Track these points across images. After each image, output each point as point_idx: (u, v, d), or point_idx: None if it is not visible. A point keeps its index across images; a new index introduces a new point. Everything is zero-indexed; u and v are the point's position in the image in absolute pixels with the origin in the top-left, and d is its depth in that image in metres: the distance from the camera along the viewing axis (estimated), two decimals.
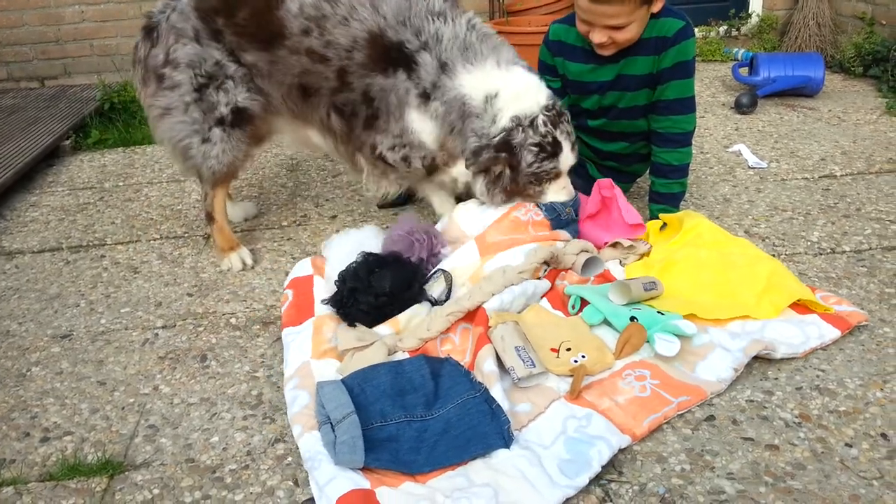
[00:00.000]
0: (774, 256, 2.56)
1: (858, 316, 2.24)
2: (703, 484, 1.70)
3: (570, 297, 2.35)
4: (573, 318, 2.29)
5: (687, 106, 2.74)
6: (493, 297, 2.23)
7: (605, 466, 1.74)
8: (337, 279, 2.37)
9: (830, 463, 1.75)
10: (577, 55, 2.81)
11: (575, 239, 2.59)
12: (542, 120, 2.47)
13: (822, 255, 2.69)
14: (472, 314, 2.22)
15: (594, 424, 1.85)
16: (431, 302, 2.33)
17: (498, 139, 2.46)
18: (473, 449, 1.79)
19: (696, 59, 2.75)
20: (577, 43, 2.79)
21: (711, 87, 4.87)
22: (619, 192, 2.68)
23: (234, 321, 2.49)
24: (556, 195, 2.59)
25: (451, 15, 2.52)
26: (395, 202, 3.25)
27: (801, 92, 4.51)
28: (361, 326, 2.25)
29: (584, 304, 2.30)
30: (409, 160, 2.66)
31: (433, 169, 2.72)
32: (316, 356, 2.18)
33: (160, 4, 2.71)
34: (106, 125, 4.56)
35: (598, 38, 2.62)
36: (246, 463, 1.85)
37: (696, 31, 3.06)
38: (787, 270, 2.41)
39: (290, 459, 1.85)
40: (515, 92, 2.47)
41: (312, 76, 2.61)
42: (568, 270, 2.51)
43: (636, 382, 1.99)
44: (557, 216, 2.57)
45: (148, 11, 2.76)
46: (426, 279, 2.41)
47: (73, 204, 3.57)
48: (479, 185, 2.58)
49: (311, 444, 1.83)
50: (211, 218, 2.87)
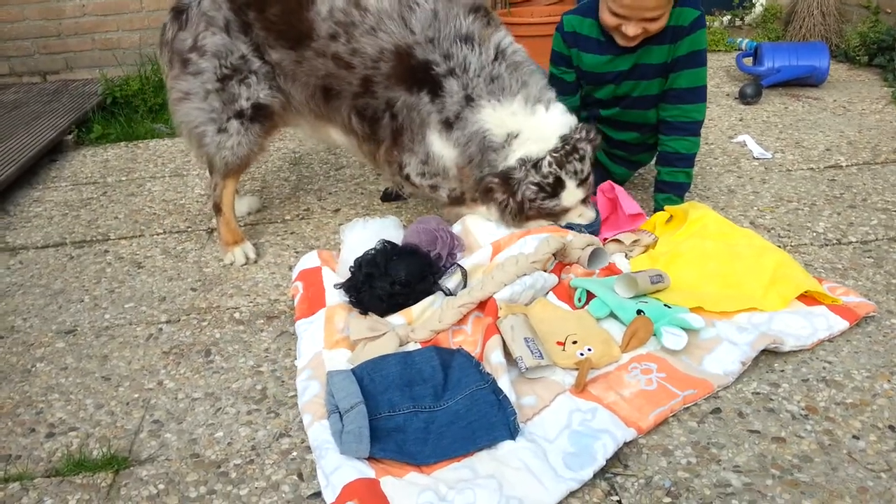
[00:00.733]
0: (780, 248, 2.55)
1: (867, 307, 2.23)
2: (709, 477, 1.70)
3: (576, 290, 2.34)
4: (579, 311, 2.28)
5: (698, 95, 2.74)
6: (504, 287, 2.23)
7: (610, 459, 1.73)
8: (353, 265, 2.37)
9: (838, 455, 1.74)
10: (591, 46, 2.79)
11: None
12: (547, 161, 2.47)
13: (828, 245, 2.68)
14: (483, 304, 2.22)
15: (599, 418, 1.84)
16: (445, 292, 2.33)
17: (499, 170, 2.49)
18: (480, 440, 1.79)
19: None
20: (591, 34, 2.78)
21: (716, 77, 4.84)
22: (619, 189, 2.72)
23: (237, 316, 2.49)
24: (573, 220, 2.60)
25: (479, 38, 2.48)
26: (398, 197, 3.24)
27: (805, 82, 4.49)
28: (374, 316, 2.25)
29: (590, 297, 2.29)
30: (436, 189, 2.71)
31: (459, 202, 2.73)
32: (328, 346, 2.19)
33: None
34: (108, 120, 4.55)
35: (633, 30, 2.60)
36: (251, 458, 1.85)
37: None
38: (793, 261, 2.40)
39: (294, 454, 1.85)
40: (531, 135, 2.47)
41: (336, 80, 2.61)
42: (573, 264, 2.50)
43: (642, 376, 1.98)
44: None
45: None
46: (442, 273, 2.42)
47: (76, 199, 3.57)
48: (492, 213, 2.61)
49: (319, 433, 1.84)
50: (218, 209, 2.86)
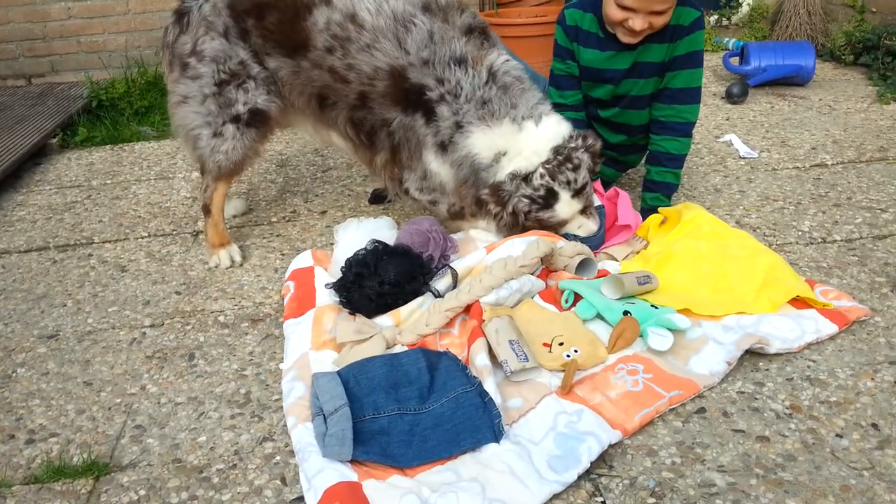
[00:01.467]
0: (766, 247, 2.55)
1: (858, 311, 2.22)
2: (693, 477, 1.69)
3: (563, 291, 2.33)
4: (566, 312, 2.27)
5: (692, 96, 2.74)
6: (491, 290, 2.22)
7: (595, 460, 1.73)
8: (344, 265, 2.37)
9: (821, 454, 1.74)
10: (591, 42, 2.78)
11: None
12: (538, 173, 2.47)
13: (813, 244, 2.68)
14: (469, 306, 2.22)
15: (585, 420, 1.83)
16: (434, 294, 2.32)
17: (490, 183, 2.50)
18: (464, 443, 1.78)
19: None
20: (591, 29, 2.77)
21: (702, 76, 4.83)
22: (623, 196, 2.72)
23: (222, 319, 2.47)
24: (572, 231, 2.60)
25: (472, 61, 2.48)
26: (385, 199, 3.23)
27: (791, 81, 4.50)
28: (361, 318, 2.24)
29: (577, 298, 2.29)
30: (436, 204, 2.73)
31: (459, 216, 2.73)
32: (315, 347, 2.18)
33: None
34: (94, 123, 4.52)
35: (639, 24, 2.58)
36: (234, 462, 1.83)
37: None
38: (786, 265, 2.39)
39: (278, 458, 1.84)
40: (518, 150, 2.48)
41: (333, 91, 2.62)
42: (560, 271, 2.49)
43: (628, 377, 1.98)
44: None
45: None
46: (433, 274, 2.41)
47: (60, 202, 3.54)
48: (491, 226, 2.62)
49: (303, 435, 1.83)
50: (207, 210, 2.85)
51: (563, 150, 2.49)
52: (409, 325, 2.23)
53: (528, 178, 2.48)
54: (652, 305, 2.20)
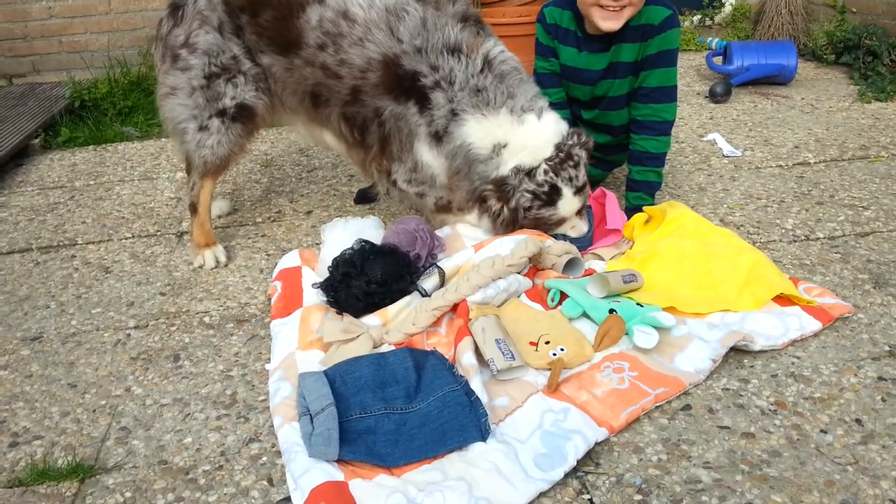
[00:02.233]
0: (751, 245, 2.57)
1: (842, 308, 2.24)
2: (679, 474, 1.70)
3: (549, 290, 2.34)
4: (552, 311, 2.28)
5: (668, 95, 2.74)
6: (478, 289, 2.22)
7: (582, 458, 1.73)
8: (330, 265, 2.36)
9: (806, 449, 1.75)
10: (570, 40, 2.80)
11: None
12: (542, 169, 2.47)
13: (796, 242, 2.70)
14: (455, 305, 2.22)
15: (571, 418, 1.84)
16: (421, 293, 2.32)
17: (493, 178, 2.48)
18: (450, 442, 1.78)
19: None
20: (570, 27, 2.79)
21: (686, 76, 4.87)
22: (610, 197, 2.72)
23: (207, 320, 2.46)
24: (565, 232, 2.60)
25: (466, 49, 2.47)
26: (370, 199, 3.23)
27: (774, 80, 4.54)
28: (348, 317, 2.24)
29: (563, 297, 2.29)
30: (423, 196, 2.70)
31: (446, 210, 2.72)
32: (302, 347, 2.17)
33: None
34: (76, 123, 4.47)
35: None
36: (220, 463, 1.82)
37: None
38: (770, 262, 2.41)
39: (264, 459, 1.83)
40: (523, 145, 2.47)
41: (325, 88, 2.61)
42: (547, 269, 2.50)
43: (614, 375, 1.99)
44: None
45: None
46: (420, 273, 2.41)
47: (42, 203, 3.51)
48: (483, 223, 2.60)
49: (289, 435, 1.83)
50: (194, 209, 2.83)
51: (563, 146, 2.49)
52: (396, 324, 2.23)
53: (531, 173, 2.47)
54: (637, 304, 2.21)
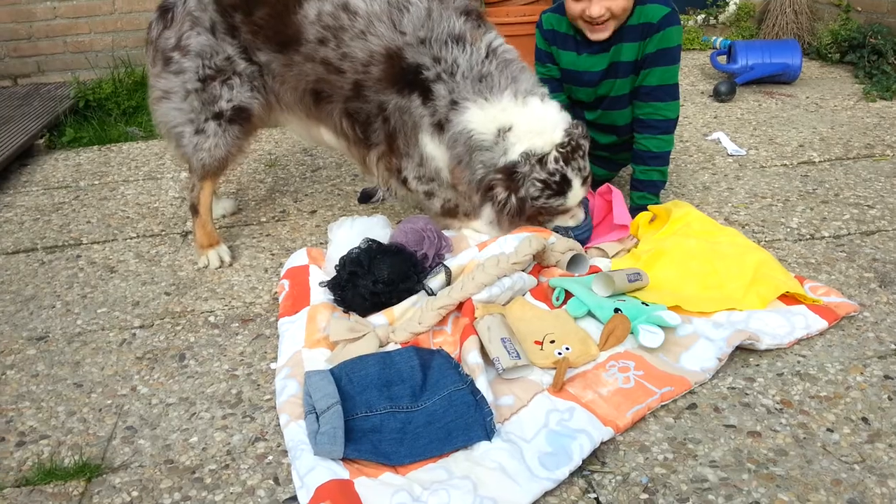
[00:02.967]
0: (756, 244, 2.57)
1: (848, 307, 2.23)
2: (685, 472, 1.70)
3: (554, 289, 2.34)
4: (557, 310, 2.28)
5: (669, 93, 2.74)
6: (484, 288, 2.22)
7: (587, 457, 1.73)
8: (338, 264, 2.36)
9: (812, 448, 1.75)
10: (568, 44, 2.80)
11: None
12: (553, 157, 2.42)
13: (801, 241, 2.70)
14: (461, 304, 2.21)
15: (577, 417, 1.84)
16: (428, 292, 2.32)
17: (501, 165, 2.44)
18: (455, 441, 1.78)
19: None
20: (568, 32, 2.79)
21: (690, 75, 4.87)
22: (616, 193, 2.71)
23: (212, 319, 2.46)
24: (563, 222, 2.59)
25: (470, 38, 2.46)
26: (374, 198, 3.23)
27: (778, 79, 4.53)
28: (355, 316, 2.24)
29: (568, 296, 2.29)
30: (431, 197, 2.68)
31: (452, 214, 2.71)
32: (308, 345, 2.18)
33: None
34: (81, 123, 4.48)
35: (596, 10, 2.58)
36: (226, 463, 1.83)
37: None
38: (775, 261, 2.40)
39: (270, 458, 1.83)
40: (530, 127, 2.42)
41: (327, 84, 2.58)
42: (551, 267, 2.49)
43: (620, 374, 1.99)
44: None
45: None
46: (427, 272, 2.41)
47: (47, 203, 3.51)
48: (486, 213, 2.56)
49: (295, 433, 1.83)
50: (195, 210, 2.83)
51: (572, 134, 2.47)
52: (402, 323, 2.23)
53: (543, 160, 2.42)
54: (642, 303, 2.21)
